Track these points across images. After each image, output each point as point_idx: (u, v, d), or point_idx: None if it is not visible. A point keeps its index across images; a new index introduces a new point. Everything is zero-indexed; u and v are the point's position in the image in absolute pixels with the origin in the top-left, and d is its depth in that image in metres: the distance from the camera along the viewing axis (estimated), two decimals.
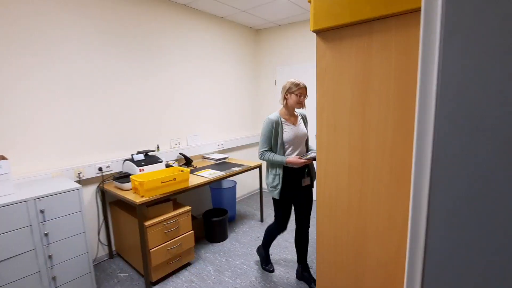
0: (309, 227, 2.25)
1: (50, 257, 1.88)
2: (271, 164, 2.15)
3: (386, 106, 0.98)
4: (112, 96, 2.61)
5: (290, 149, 2.09)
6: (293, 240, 2.96)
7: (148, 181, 2.17)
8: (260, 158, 2.16)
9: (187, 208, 2.50)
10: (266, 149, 2.12)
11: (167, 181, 2.29)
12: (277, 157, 2.06)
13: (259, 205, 3.97)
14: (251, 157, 4.38)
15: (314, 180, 2.24)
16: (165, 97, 3.08)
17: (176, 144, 3.23)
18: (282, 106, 2.16)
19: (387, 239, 1.04)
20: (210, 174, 2.81)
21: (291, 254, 2.71)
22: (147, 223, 2.19)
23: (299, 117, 2.20)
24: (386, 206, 1.02)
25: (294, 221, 2.91)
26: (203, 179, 2.67)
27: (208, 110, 3.61)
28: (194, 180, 2.62)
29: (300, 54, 3.93)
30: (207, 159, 3.51)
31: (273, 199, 2.18)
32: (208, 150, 3.60)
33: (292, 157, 2.02)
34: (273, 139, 2.10)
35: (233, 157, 3.99)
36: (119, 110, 2.67)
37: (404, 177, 0.97)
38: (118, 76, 2.65)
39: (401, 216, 1.00)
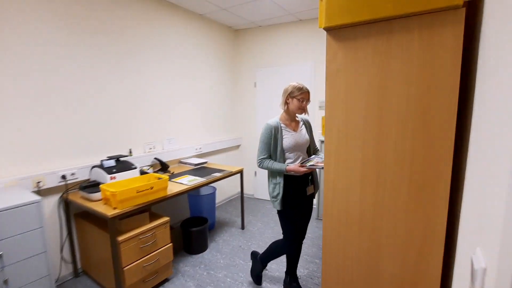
0: (304, 238, 2.15)
1: (5, 282, 1.58)
2: (271, 173, 2.01)
3: (405, 113, 0.90)
4: (78, 96, 2.32)
5: (291, 156, 1.98)
6: None
7: (121, 191, 1.93)
8: (259, 166, 2.01)
9: (165, 219, 2.28)
10: (265, 156, 1.98)
11: (144, 190, 2.07)
12: (276, 165, 1.93)
13: (239, 211, 3.83)
14: (230, 161, 4.22)
15: (318, 189, 2.14)
16: (139, 98, 2.82)
17: (151, 148, 2.98)
18: (282, 110, 2.03)
19: (403, 257, 0.96)
20: (189, 181, 2.61)
21: (277, 263, 2.60)
22: (120, 238, 1.95)
23: (301, 123, 2.08)
24: (404, 221, 0.94)
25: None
26: (182, 186, 2.47)
27: (186, 112, 3.40)
28: (173, 188, 2.41)
29: (281, 56, 3.87)
30: (185, 164, 3.29)
31: (277, 211, 2.04)
32: (186, 154, 3.38)
33: (293, 165, 1.91)
34: (272, 146, 1.97)
35: (212, 162, 3.80)
36: (86, 111, 2.39)
37: (425, 190, 0.89)
38: (86, 74, 2.36)
39: (420, 232, 0.92)
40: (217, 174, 2.88)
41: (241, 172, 3.18)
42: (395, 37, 0.89)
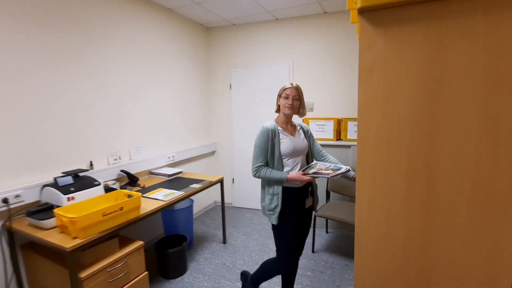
0: (301, 254, 1.94)
1: None
2: (267, 182, 1.78)
3: (466, 116, 0.73)
4: (22, 98, 1.87)
5: (288, 163, 1.76)
6: None
7: (83, 216, 1.56)
8: (255, 175, 1.77)
9: (139, 243, 1.93)
10: (261, 164, 1.75)
11: (112, 213, 1.71)
12: (275, 173, 1.71)
13: (218, 223, 3.53)
14: (206, 168, 3.90)
15: (317, 202, 1.94)
16: (100, 101, 2.41)
17: (116, 159, 2.58)
18: (278, 115, 1.87)
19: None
20: (165, 196, 2.28)
21: (270, 281, 2.37)
22: (83, 274, 1.57)
23: (298, 128, 1.89)
24: (465, 244, 0.77)
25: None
26: (157, 203, 2.13)
27: (155, 117, 3.03)
28: (146, 205, 2.06)
29: (257, 56, 3.66)
30: (157, 175, 2.92)
31: (272, 226, 1.81)
32: (157, 164, 3.01)
33: (294, 173, 1.69)
34: (269, 152, 1.74)
35: (188, 171, 3.46)
36: (33, 116, 1.94)
37: (492, 207, 0.73)
38: (32, 70, 1.92)
39: (484, 261, 0.75)
40: (196, 185, 2.57)
41: (221, 181, 2.90)
42: (453, 21, 0.72)
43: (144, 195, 2.29)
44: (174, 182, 2.72)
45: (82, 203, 1.80)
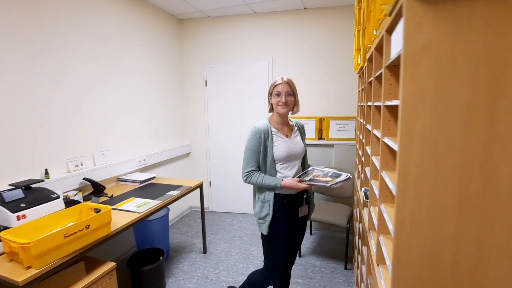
0: (293, 264, 1.79)
1: None
2: (258, 188, 1.61)
3: None
4: None
5: (282, 168, 1.59)
6: None
7: (39, 241, 1.25)
8: (245, 181, 1.58)
9: (110, 265, 1.64)
10: (253, 168, 1.56)
11: (76, 233, 1.41)
12: (268, 180, 1.53)
13: (195, 230, 3.27)
14: (181, 172, 3.61)
15: (313, 210, 1.79)
16: (56, 96, 2.05)
17: (77, 166, 2.22)
18: (271, 114, 1.68)
19: None
20: (139, 206, 1.99)
21: None
22: None
23: (295, 128, 1.71)
24: None
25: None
26: (130, 215, 1.85)
27: (123, 116, 2.69)
28: (117, 219, 1.77)
29: (235, 52, 3.45)
30: (126, 182, 2.59)
31: (262, 235, 1.63)
32: (126, 169, 2.67)
33: (290, 180, 1.52)
34: (261, 155, 1.55)
35: (161, 175, 3.15)
36: None
37: None
38: None
39: None
40: (173, 193, 2.31)
41: (200, 186, 2.66)
42: None
43: (113, 207, 1.98)
44: (148, 189, 2.43)
45: (37, 222, 1.47)
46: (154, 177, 2.71)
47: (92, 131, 2.36)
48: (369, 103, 1.51)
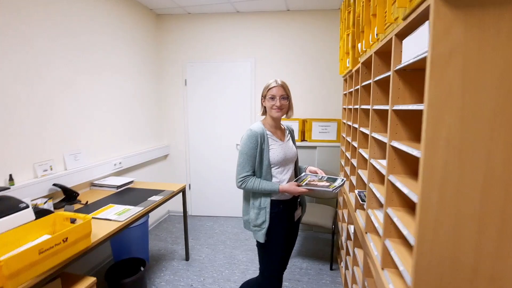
0: (286, 268, 1.76)
1: None
2: (253, 194, 1.54)
3: None
4: None
5: (279, 172, 1.54)
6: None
7: (11, 259, 1.09)
8: (240, 187, 1.51)
9: (90, 280, 1.48)
10: (248, 173, 1.50)
11: (52, 247, 1.25)
12: (265, 184, 1.48)
13: (175, 236, 3.12)
14: (159, 175, 3.43)
15: (304, 211, 1.77)
16: (22, 97, 1.83)
17: (46, 170, 2.00)
18: (264, 117, 1.63)
19: None
20: (119, 214, 1.84)
21: None
22: None
23: (287, 131, 1.68)
24: None
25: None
26: (111, 224, 1.70)
27: (97, 115, 2.49)
28: (96, 229, 1.62)
29: (217, 51, 3.36)
30: (101, 187, 2.39)
31: (257, 242, 1.57)
32: (100, 173, 2.47)
33: (287, 184, 1.48)
34: (257, 159, 1.49)
35: (138, 179, 2.96)
36: None
37: None
38: None
39: None
40: (156, 198, 2.17)
41: (183, 190, 2.54)
42: None
43: (90, 215, 1.80)
44: (126, 194, 2.26)
45: (5, 237, 1.28)
46: (132, 181, 2.53)
47: (63, 132, 2.14)
48: (365, 106, 1.53)
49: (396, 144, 0.97)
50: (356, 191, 1.66)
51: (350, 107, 2.11)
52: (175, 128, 3.56)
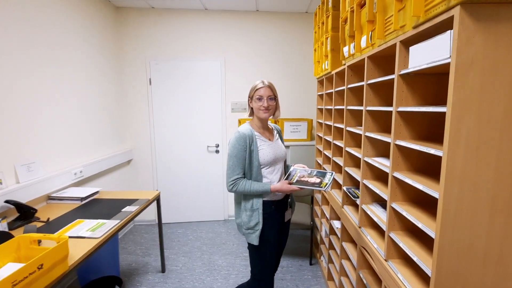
0: (277, 269, 1.76)
1: None
2: (244, 196, 1.51)
3: None
4: None
5: (269, 172, 1.53)
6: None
7: None
8: (231, 190, 1.47)
9: None
10: (239, 176, 1.47)
11: (26, 278, 1.06)
12: (257, 186, 1.46)
13: (145, 247, 2.90)
14: (123, 182, 3.15)
15: (294, 211, 1.77)
16: None
17: None
18: (252, 118, 1.61)
19: None
20: (93, 230, 1.65)
21: None
22: None
23: (275, 132, 1.68)
24: None
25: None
26: (87, 242, 1.51)
27: (51, 119, 2.19)
28: (71, 250, 1.42)
29: (184, 49, 3.21)
30: (61, 200, 2.11)
31: (250, 245, 1.53)
32: (59, 184, 2.18)
33: (279, 183, 1.47)
34: (247, 161, 1.46)
35: (103, 189, 2.68)
36: None
37: None
38: None
39: None
40: (131, 208, 1.99)
41: (158, 197, 2.37)
42: None
43: (56, 233, 1.58)
44: (93, 207, 2.03)
45: None
46: (97, 192, 2.28)
47: (12, 139, 1.83)
48: (353, 107, 1.60)
49: (403, 143, 1.03)
50: (344, 188, 1.73)
51: (329, 107, 2.19)
52: (138, 131, 3.30)
